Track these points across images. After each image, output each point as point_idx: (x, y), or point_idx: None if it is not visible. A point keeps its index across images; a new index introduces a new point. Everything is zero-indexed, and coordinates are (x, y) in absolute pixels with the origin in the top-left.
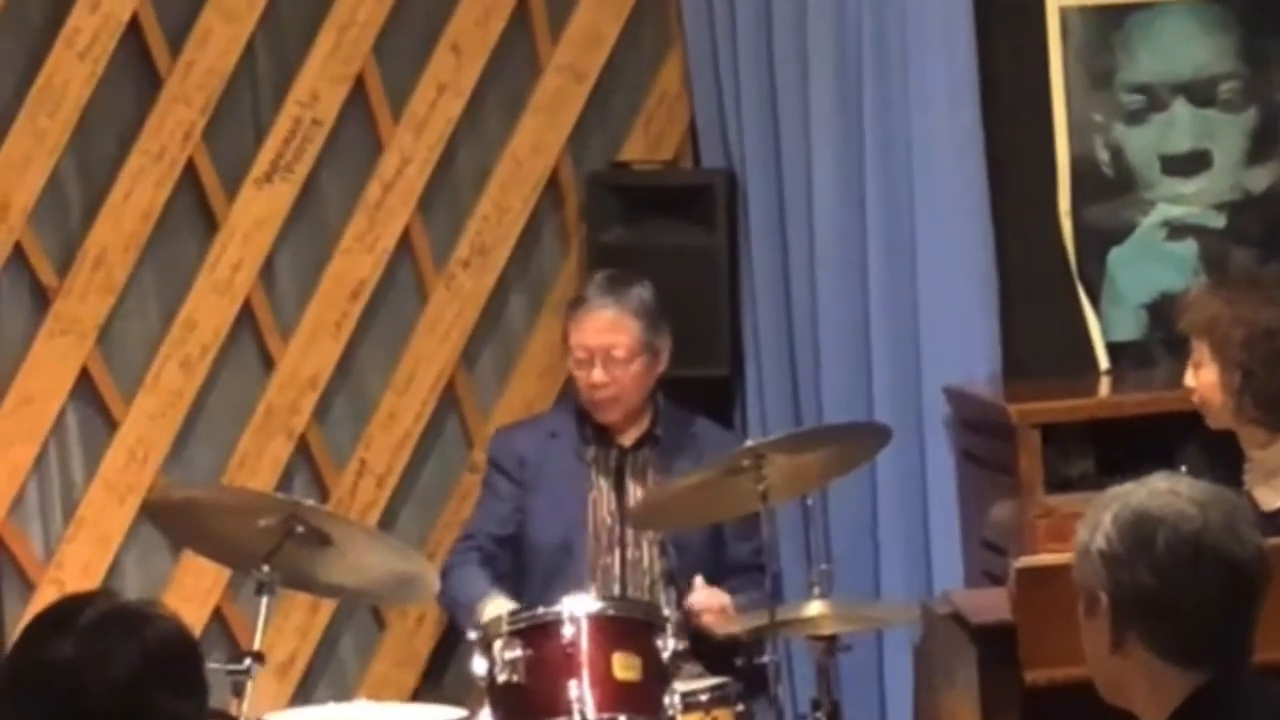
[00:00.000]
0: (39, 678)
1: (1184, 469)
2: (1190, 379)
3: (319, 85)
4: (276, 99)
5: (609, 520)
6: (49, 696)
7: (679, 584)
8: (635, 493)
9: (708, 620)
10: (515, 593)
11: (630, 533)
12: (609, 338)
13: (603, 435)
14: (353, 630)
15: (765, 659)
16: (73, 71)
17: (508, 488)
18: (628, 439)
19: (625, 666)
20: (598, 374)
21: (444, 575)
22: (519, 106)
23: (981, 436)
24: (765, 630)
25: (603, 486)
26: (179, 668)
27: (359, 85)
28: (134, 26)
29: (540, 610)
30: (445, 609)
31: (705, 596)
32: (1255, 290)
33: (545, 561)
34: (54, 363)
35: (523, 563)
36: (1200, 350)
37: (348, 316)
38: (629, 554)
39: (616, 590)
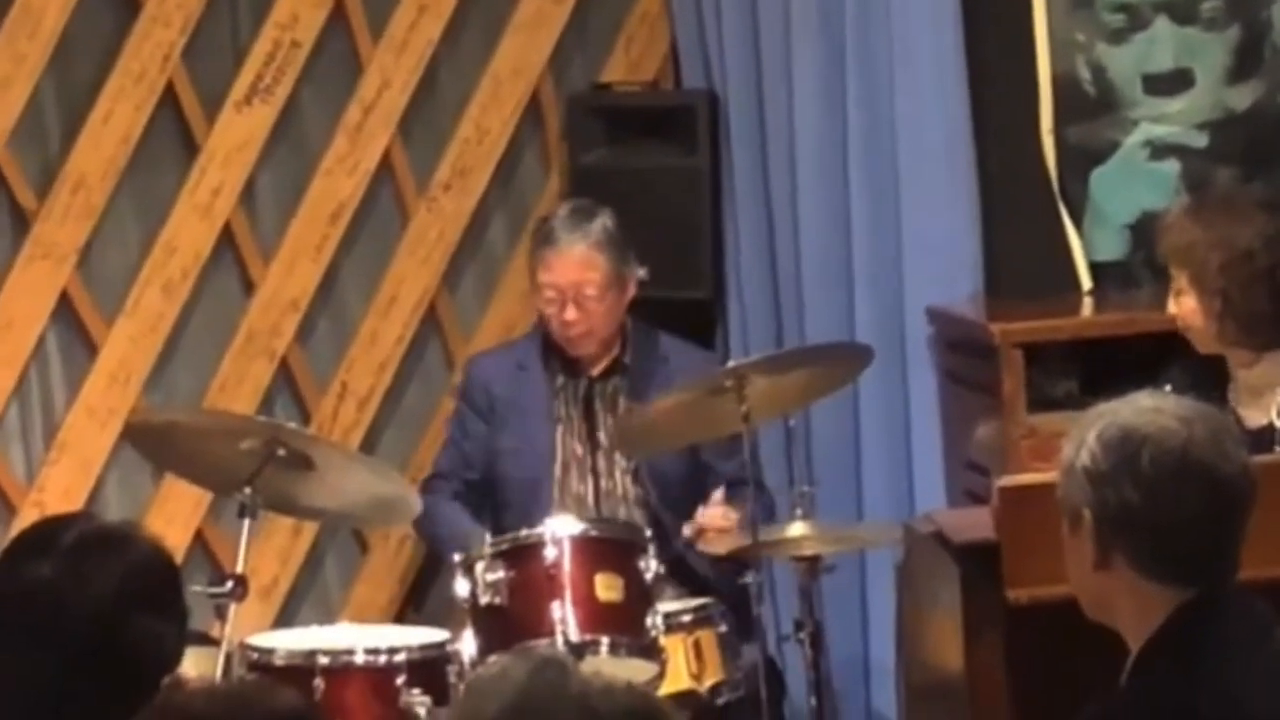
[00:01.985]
0: (19, 598)
1: (1168, 388)
2: (1173, 306)
3: (298, 7)
4: (256, 21)
5: (580, 450)
6: (29, 616)
7: (659, 514)
8: (606, 421)
9: (710, 539)
10: (492, 527)
11: (603, 461)
12: (580, 275)
13: (571, 365)
14: (335, 553)
15: (747, 580)
16: None
17: (475, 426)
18: (596, 369)
19: (608, 587)
20: (570, 313)
21: (426, 514)
22: (499, 28)
23: (964, 357)
24: (748, 551)
25: (572, 417)
26: (158, 589)
27: (339, 6)
28: None
29: (523, 532)
30: (431, 542)
31: (719, 515)
32: (1230, 212)
33: (517, 495)
34: (34, 286)
35: (496, 497)
36: (1180, 278)
37: (328, 239)
38: (602, 483)
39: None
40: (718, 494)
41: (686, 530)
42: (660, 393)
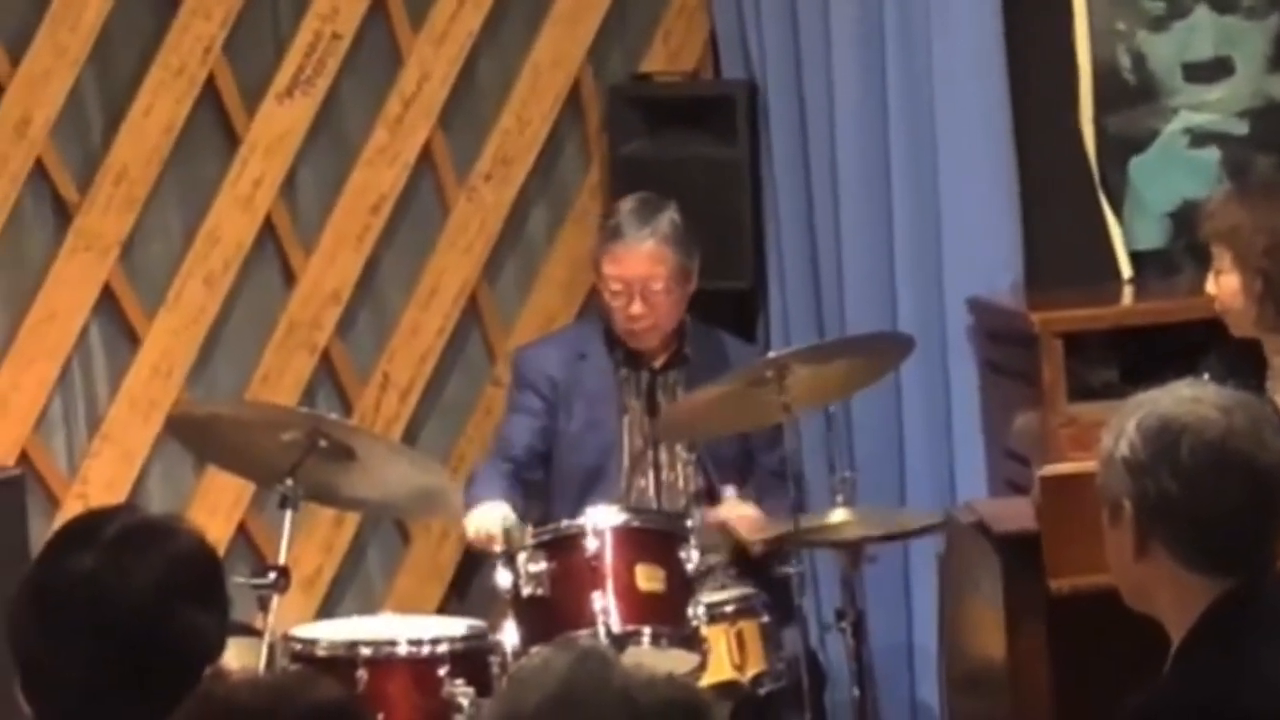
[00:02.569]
0: (61, 590)
1: (1206, 377)
2: (1211, 286)
3: None
4: (296, 13)
5: (641, 443)
6: (71, 608)
7: (716, 500)
8: None
9: (740, 527)
10: (546, 512)
11: (664, 454)
12: (648, 270)
13: (633, 358)
14: (377, 544)
15: (790, 570)
16: None
17: (539, 404)
18: (658, 361)
19: (649, 578)
20: (636, 307)
21: (469, 480)
22: (539, 18)
23: (1004, 346)
24: (790, 539)
25: (635, 409)
26: (201, 581)
27: None
28: None
29: (564, 523)
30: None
31: (728, 509)
32: (1275, 198)
33: (578, 483)
34: (76, 279)
35: (553, 483)
36: (1222, 258)
37: (369, 230)
38: (663, 475)
39: None
40: (728, 492)
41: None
42: None
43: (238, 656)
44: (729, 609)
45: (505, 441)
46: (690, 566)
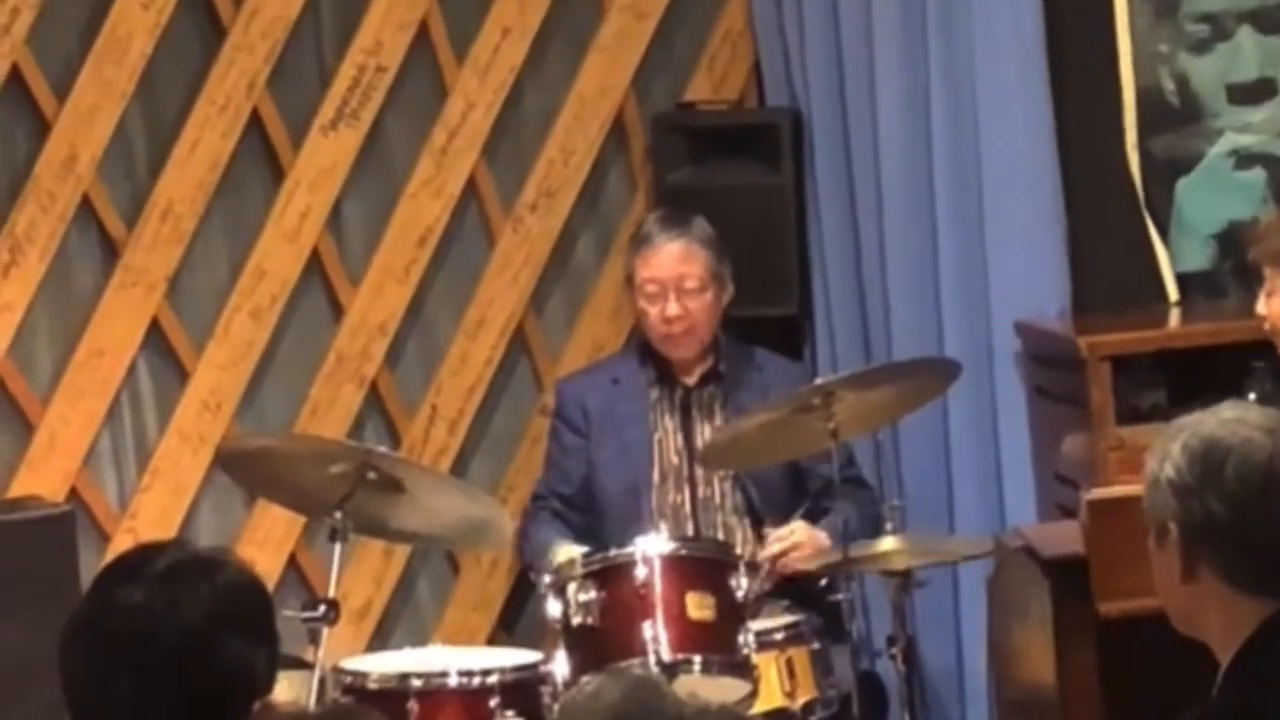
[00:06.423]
0: (111, 624)
1: (1254, 398)
2: (1262, 307)
3: (383, 32)
4: (340, 46)
5: (676, 460)
6: (120, 642)
7: (761, 518)
8: (703, 430)
9: (793, 560)
10: (592, 541)
11: (700, 470)
12: (680, 268)
13: (666, 375)
14: (427, 576)
15: (840, 596)
16: (137, 22)
17: (573, 441)
18: (692, 378)
19: (699, 606)
20: (672, 307)
21: (522, 536)
22: (583, 48)
23: (1052, 370)
24: (839, 567)
25: (669, 427)
26: (250, 614)
27: (423, 31)
28: None
29: (613, 552)
30: (525, 565)
31: (777, 544)
32: None
33: (616, 507)
34: (124, 314)
35: (596, 510)
36: (1273, 279)
37: (416, 262)
38: (700, 491)
39: (689, 528)
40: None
41: (762, 555)
42: (756, 401)
43: (289, 689)
44: (779, 636)
45: (541, 488)
46: (740, 594)
